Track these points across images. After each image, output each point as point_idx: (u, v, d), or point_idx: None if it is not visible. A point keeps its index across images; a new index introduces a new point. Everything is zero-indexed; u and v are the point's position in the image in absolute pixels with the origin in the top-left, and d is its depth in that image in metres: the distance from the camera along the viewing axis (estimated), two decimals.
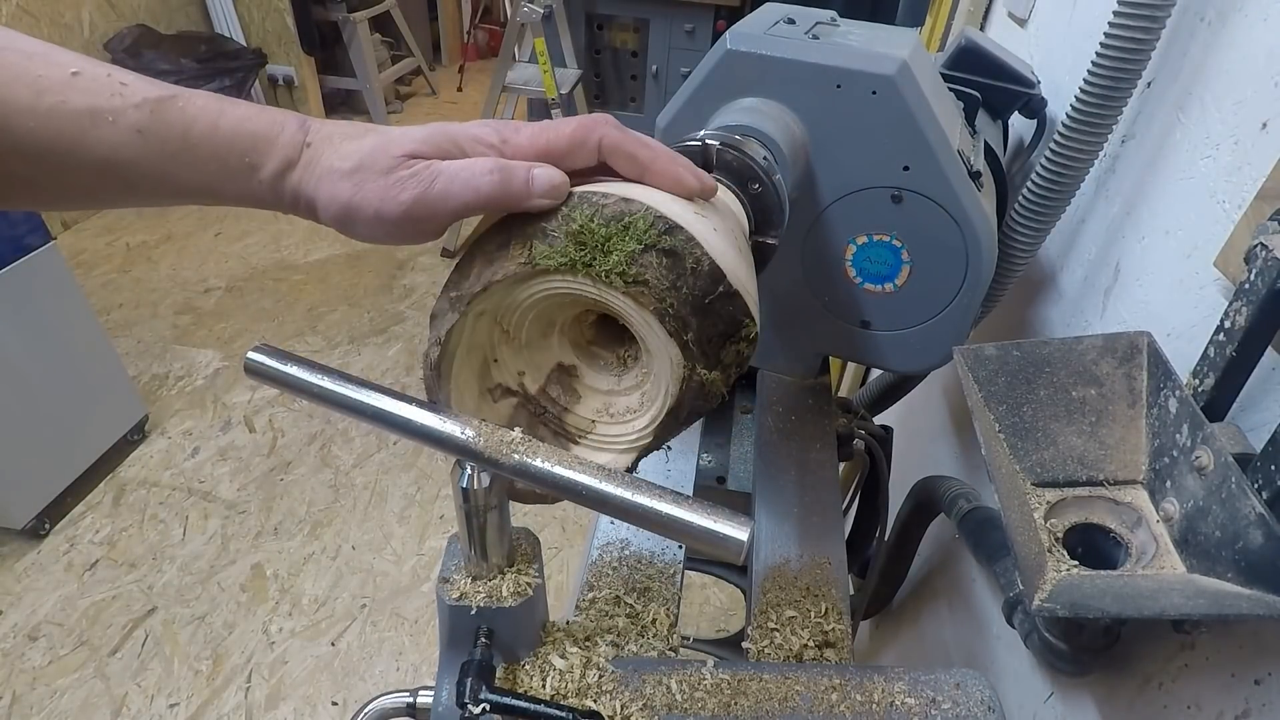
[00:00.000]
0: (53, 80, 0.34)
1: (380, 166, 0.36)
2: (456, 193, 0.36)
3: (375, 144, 0.37)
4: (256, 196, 0.38)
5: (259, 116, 0.37)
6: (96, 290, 2.71)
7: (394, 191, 0.36)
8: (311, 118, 0.39)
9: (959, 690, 0.51)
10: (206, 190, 0.37)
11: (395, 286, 2.89)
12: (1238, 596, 0.43)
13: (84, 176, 0.35)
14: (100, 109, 0.34)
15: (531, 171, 0.37)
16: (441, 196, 0.36)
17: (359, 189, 0.36)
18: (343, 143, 0.37)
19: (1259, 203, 0.53)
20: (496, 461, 0.38)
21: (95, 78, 0.35)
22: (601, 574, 0.66)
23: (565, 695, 0.49)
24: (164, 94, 0.36)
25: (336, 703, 1.57)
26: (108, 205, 0.40)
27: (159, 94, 0.36)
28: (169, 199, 0.38)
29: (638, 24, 2.93)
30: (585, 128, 0.39)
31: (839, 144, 0.64)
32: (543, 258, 0.36)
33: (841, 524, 0.72)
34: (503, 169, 0.36)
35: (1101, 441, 0.56)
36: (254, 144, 0.37)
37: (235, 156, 0.37)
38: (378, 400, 0.39)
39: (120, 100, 0.35)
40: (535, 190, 0.37)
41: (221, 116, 0.37)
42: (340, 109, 4.29)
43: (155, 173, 0.36)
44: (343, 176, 0.36)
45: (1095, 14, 0.84)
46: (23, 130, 0.33)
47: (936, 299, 0.70)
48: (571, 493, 0.37)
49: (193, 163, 0.36)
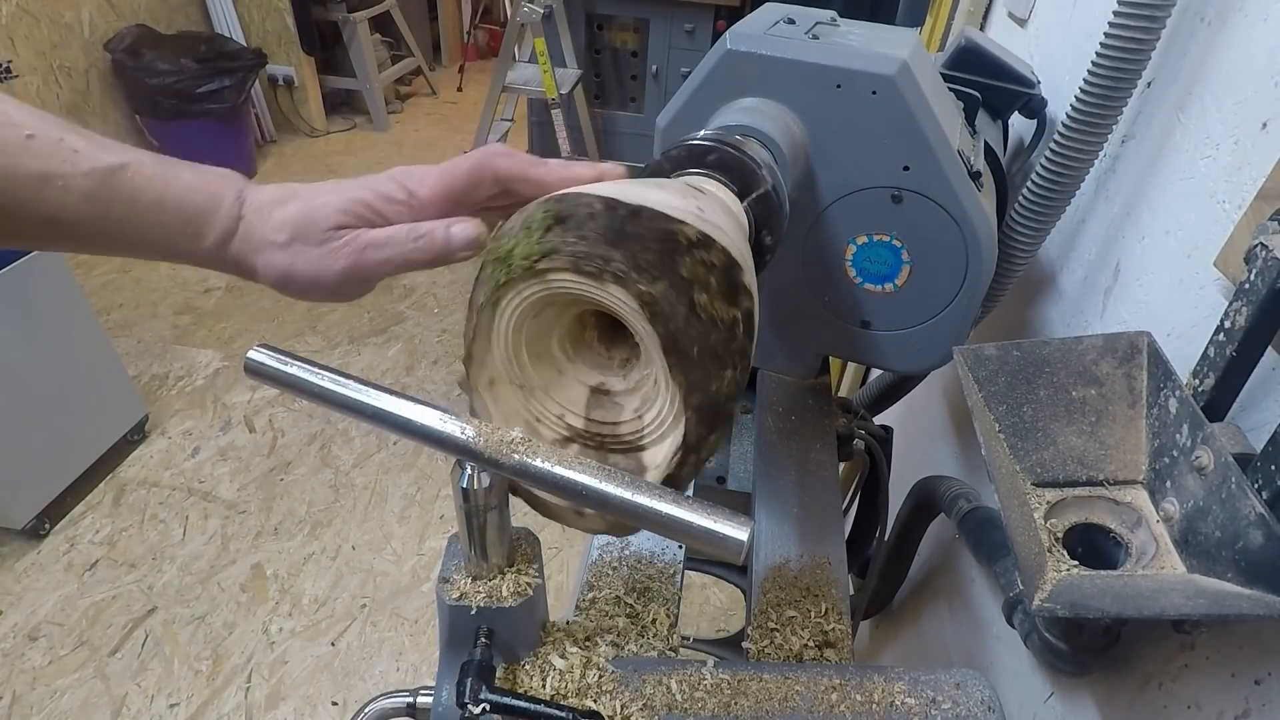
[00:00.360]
0: (6, 142, 0.35)
1: (312, 239, 0.40)
2: (386, 260, 0.41)
3: (302, 214, 0.40)
4: (201, 260, 0.41)
5: (201, 188, 0.40)
6: (96, 290, 2.71)
7: (328, 262, 0.40)
8: (248, 186, 0.42)
9: (959, 690, 0.51)
10: (156, 251, 0.40)
11: (395, 286, 2.89)
12: (1238, 596, 0.43)
13: (35, 229, 0.37)
14: (51, 174, 0.36)
15: (449, 231, 0.41)
16: (373, 264, 0.41)
17: (295, 259, 0.40)
18: (273, 211, 0.41)
19: (1259, 203, 0.53)
20: (496, 461, 0.38)
21: (49, 141, 0.36)
22: (601, 574, 0.66)
23: (565, 695, 0.49)
24: (113, 163, 0.38)
25: (336, 703, 1.57)
26: (62, 251, 0.43)
27: (108, 163, 0.37)
28: (122, 254, 0.41)
29: (638, 24, 2.92)
30: (478, 166, 0.42)
31: (839, 144, 0.64)
32: (496, 284, 0.38)
33: (841, 524, 0.72)
34: (423, 236, 0.41)
35: (1101, 441, 0.56)
36: (196, 216, 0.40)
37: (179, 226, 0.39)
38: (378, 400, 0.39)
39: (70, 167, 0.36)
40: (454, 248, 0.41)
41: (167, 189, 0.39)
42: (340, 109, 4.29)
43: (104, 234, 0.38)
44: (279, 248, 0.40)
45: (1095, 14, 0.84)
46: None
47: (936, 299, 0.70)
48: (571, 493, 0.37)
49: (139, 229, 0.39)
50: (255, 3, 3.61)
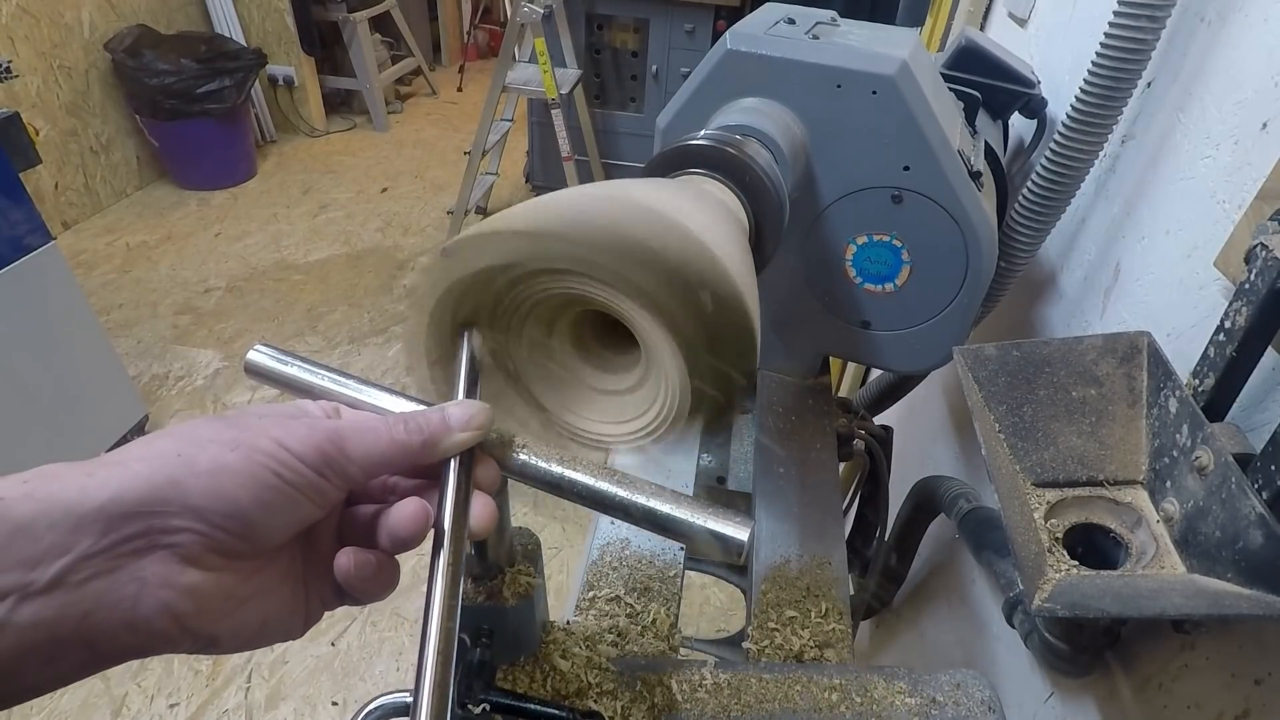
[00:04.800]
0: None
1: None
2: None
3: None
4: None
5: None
6: (96, 290, 2.71)
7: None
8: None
9: (959, 690, 0.51)
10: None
11: (395, 286, 2.89)
12: (1238, 596, 0.43)
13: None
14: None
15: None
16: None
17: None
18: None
19: (1259, 203, 0.53)
20: (497, 461, 0.38)
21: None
22: (602, 574, 0.66)
23: (565, 695, 0.49)
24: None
25: (336, 703, 1.57)
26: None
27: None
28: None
29: (638, 24, 2.93)
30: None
31: (839, 144, 0.64)
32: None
33: (841, 524, 0.72)
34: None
35: (1101, 441, 0.56)
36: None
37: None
38: (378, 399, 0.39)
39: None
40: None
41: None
42: (340, 109, 4.29)
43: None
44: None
45: (1095, 14, 0.84)
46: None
47: (936, 299, 0.70)
48: (571, 493, 0.37)
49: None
50: (255, 3, 3.61)
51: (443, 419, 0.34)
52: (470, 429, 0.34)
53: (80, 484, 0.28)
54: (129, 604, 0.28)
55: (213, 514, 0.29)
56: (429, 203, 3.46)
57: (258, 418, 0.32)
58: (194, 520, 0.28)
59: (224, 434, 0.30)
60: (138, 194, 3.35)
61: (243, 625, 0.31)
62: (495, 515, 0.35)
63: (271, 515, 0.30)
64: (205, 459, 0.29)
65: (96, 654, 0.28)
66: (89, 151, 3.07)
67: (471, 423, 0.34)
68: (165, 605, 0.28)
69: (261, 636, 0.33)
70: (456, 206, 3.02)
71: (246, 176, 3.51)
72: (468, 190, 2.94)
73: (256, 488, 0.29)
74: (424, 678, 0.29)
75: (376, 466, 0.33)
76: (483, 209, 3.31)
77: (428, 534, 0.34)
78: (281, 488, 0.30)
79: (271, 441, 0.30)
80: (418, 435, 0.33)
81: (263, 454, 0.30)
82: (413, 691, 0.29)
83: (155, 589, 0.28)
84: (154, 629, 0.28)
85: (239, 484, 0.29)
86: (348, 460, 0.32)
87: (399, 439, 0.33)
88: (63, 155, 2.95)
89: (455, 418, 0.34)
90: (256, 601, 0.32)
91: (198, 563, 0.29)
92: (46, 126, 2.85)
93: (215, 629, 0.30)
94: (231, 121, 3.28)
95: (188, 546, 0.29)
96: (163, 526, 0.28)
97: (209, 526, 0.29)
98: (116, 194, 3.25)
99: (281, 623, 0.33)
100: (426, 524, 0.33)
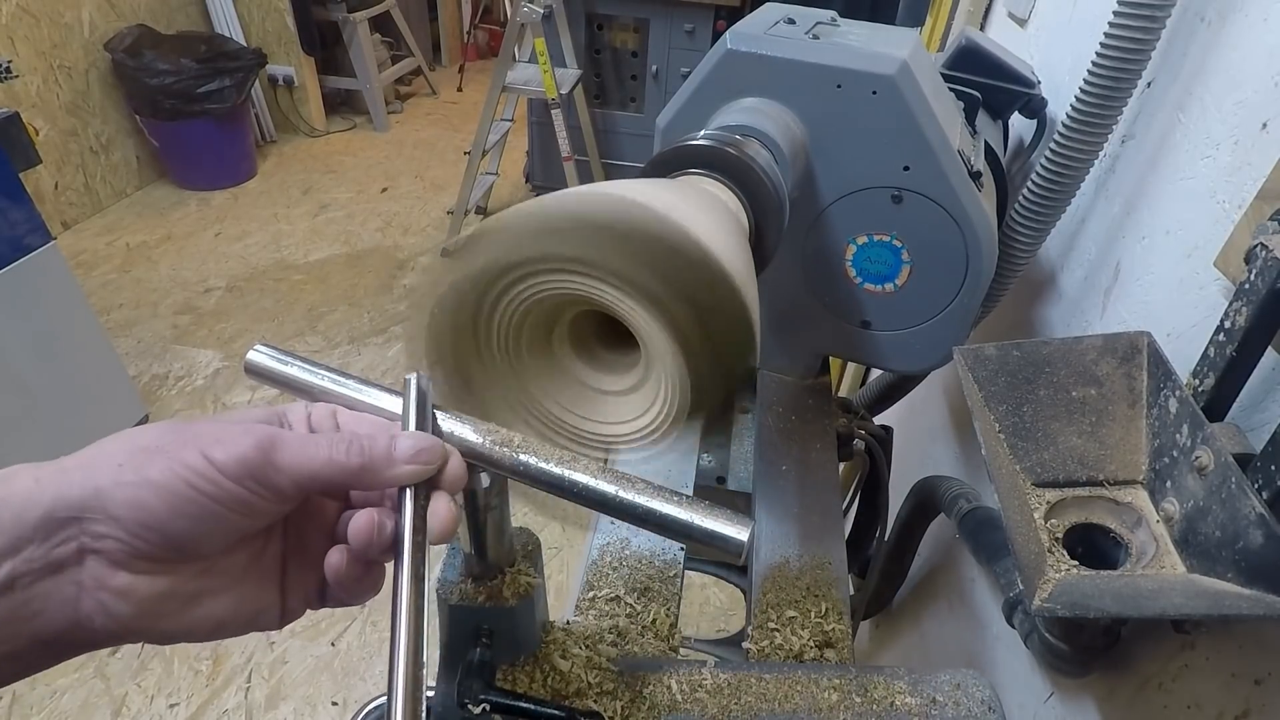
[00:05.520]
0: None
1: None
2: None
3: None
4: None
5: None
6: (96, 290, 2.71)
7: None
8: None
9: (959, 690, 0.51)
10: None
11: (395, 286, 2.89)
12: (1238, 596, 0.43)
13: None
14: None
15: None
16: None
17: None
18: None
19: (1259, 203, 0.53)
20: (497, 461, 0.38)
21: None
22: (601, 574, 0.66)
23: (565, 695, 0.49)
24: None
25: (336, 703, 1.57)
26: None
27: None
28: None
29: (638, 24, 2.93)
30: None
31: (839, 144, 0.64)
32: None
33: (841, 524, 0.72)
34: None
35: (1101, 441, 0.56)
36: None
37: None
38: (378, 399, 0.39)
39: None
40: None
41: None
42: (340, 109, 4.29)
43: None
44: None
45: (1095, 14, 0.84)
46: None
47: (936, 299, 0.70)
48: (571, 493, 0.37)
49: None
50: (255, 3, 3.61)
51: (388, 449, 0.34)
52: (417, 463, 0.34)
53: (28, 489, 0.29)
54: (72, 605, 0.29)
55: (130, 524, 0.29)
56: (429, 203, 3.46)
57: (198, 427, 0.32)
58: (115, 528, 0.29)
59: (160, 441, 0.31)
60: (138, 194, 3.35)
61: (197, 622, 0.32)
62: (452, 532, 0.35)
63: (192, 525, 0.30)
64: (131, 469, 0.30)
65: (50, 650, 0.30)
66: (89, 151, 3.07)
67: (419, 457, 0.34)
68: (102, 605, 0.30)
69: (221, 631, 0.33)
70: (456, 206, 3.02)
71: (246, 176, 3.51)
72: (468, 190, 2.94)
73: (173, 500, 0.30)
74: (395, 690, 0.30)
75: (310, 481, 0.32)
76: (483, 209, 3.31)
77: (386, 544, 0.34)
78: (197, 499, 0.30)
79: (196, 453, 0.30)
80: (358, 458, 0.33)
81: (183, 466, 0.30)
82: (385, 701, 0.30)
83: (91, 591, 0.30)
84: (95, 627, 0.30)
85: (157, 496, 0.29)
86: (275, 470, 0.31)
87: (337, 459, 0.33)
88: (63, 155, 2.95)
89: (402, 449, 0.34)
90: (208, 600, 0.32)
91: (127, 567, 0.30)
92: (46, 126, 2.85)
93: (162, 626, 0.31)
94: (231, 121, 3.28)
95: (113, 552, 0.30)
96: (91, 532, 0.29)
97: (128, 535, 0.29)
98: (116, 194, 3.25)
99: (245, 619, 0.34)
100: (372, 536, 0.34)
